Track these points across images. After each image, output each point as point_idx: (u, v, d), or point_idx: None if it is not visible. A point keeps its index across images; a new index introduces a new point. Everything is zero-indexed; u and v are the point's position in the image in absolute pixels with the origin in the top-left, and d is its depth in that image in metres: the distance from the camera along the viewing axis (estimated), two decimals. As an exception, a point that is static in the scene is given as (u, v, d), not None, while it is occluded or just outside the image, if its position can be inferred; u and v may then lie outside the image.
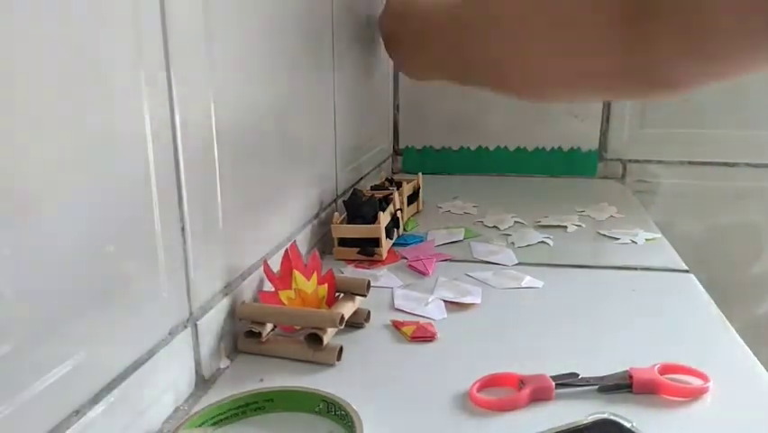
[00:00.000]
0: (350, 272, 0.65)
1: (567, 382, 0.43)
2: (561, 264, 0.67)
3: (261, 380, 0.44)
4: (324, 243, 0.70)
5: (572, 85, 0.49)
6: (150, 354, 0.38)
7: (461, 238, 0.76)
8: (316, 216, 0.69)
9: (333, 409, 0.40)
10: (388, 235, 0.69)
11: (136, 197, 0.36)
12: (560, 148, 1.08)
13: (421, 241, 0.75)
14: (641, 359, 0.44)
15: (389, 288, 0.61)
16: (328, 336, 0.47)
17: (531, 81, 0.55)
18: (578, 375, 0.43)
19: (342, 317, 0.47)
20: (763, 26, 0.36)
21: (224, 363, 0.47)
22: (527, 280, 0.62)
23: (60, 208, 0.30)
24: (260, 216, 0.54)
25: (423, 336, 0.51)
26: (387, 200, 0.73)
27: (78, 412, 0.32)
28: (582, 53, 0.45)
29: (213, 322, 0.46)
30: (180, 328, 0.42)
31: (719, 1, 0.37)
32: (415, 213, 0.86)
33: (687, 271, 0.65)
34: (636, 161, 1.07)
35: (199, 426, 0.38)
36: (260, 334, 0.47)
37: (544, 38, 0.47)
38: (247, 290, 0.51)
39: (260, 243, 0.54)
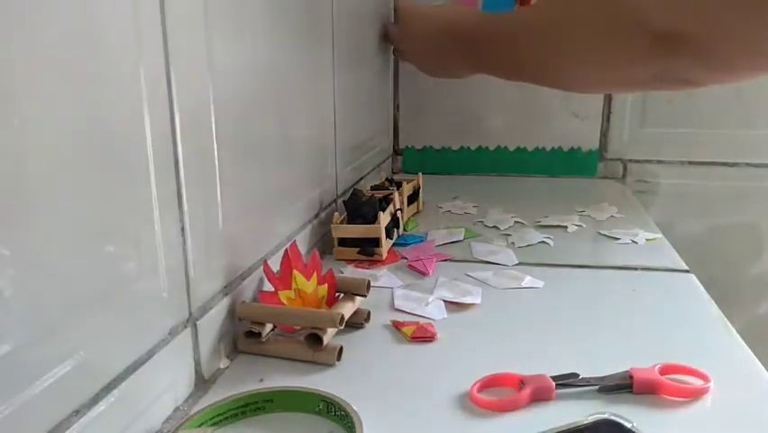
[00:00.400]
0: (350, 272, 0.65)
1: (567, 382, 0.43)
2: (561, 264, 0.67)
3: (261, 380, 0.44)
4: (324, 243, 0.70)
5: (609, 86, 0.65)
6: (150, 354, 0.38)
7: (461, 238, 0.76)
8: (316, 216, 0.68)
9: (333, 409, 0.40)
10: (388, 235, 0.69)
11: (136, 196, 0.36)
12: (560, 148, 1.08)
13: (421, 241, 0.75)
14: (641, 359, 0.44)
15: (389, 288, 0.61)
16: (328, 337, 0.47)
17: (576, 84, 0.69)
18: (578, 375, 0.43)
19: (342, 318, 0.47)
20: None
21: (224, 363, 0.47)
22: (527, 280, 0.62)
23: (60, 208, 0.30)
24: (259, 215, 0.54)
25: (423, 336, 0.51)
26: (387, 200, 0.73)
27: (78, 412, 0.32)
28: (618, 68, 0.56)
29: (213, 322, 0.46)
30: (180, 328, 0.42)
31: (732, 43, 0.45)
32: (415, 213, 0.86)
33: (687, 271, 0.65)
34: (637, 161, 1.07)
35: (199, 426, 0.38)
36: (259, 334, 0.47)
37: (587, 58, 0.59)
38: (247, 290, 0.51)
39: (260, 243, 0.54)
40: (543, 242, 0.74)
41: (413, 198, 0.85)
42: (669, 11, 0.47)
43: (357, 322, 0.52)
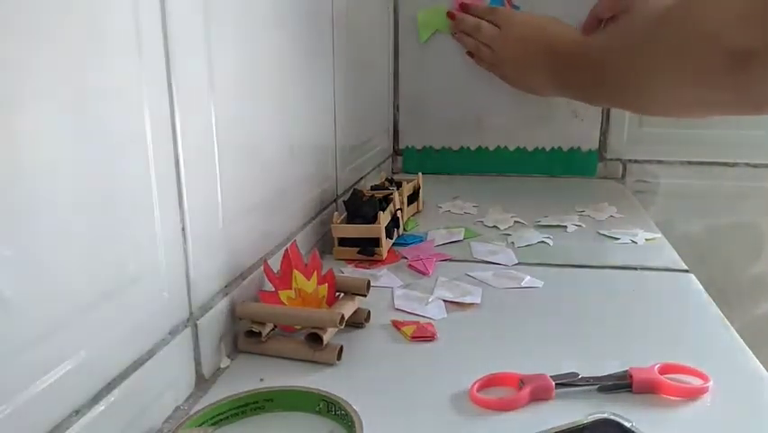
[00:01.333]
0: (350, 272, 0.65)
1: (567, 381, 0.43)
2: (561, 264, 0.67)
3: (262, 380, 0.44)
4: (324, 243, 0.70)
5: (689, 109, 0.63)
6: (150, 354, 0.38)
7: (461, 238, 0.76)
8: (316, 215, 0.69)
9: (333, 408, 0.40)
10: (388, 235, 0.69)
11: (136, 197, 0.36)
12: (560, 148, 1.08)
13: (421, 241, 0.75)
14: (641, 359, 0.44)
15: (389, 288, 0.61)
16: (328, 336, 0.47)
17: (657, 106, 0.70)
18: (578, 375, 0.43)
19: (343, 317, 0.47)
20: None
21: (225, 362, 0.47)
22: (527, 280, 0.62)
23: (60, 208, 0.30)
24: (260, 215, 0.54)
25: (423, 335, 0.51)
26: (387, 200, 0.73)
27: (78, 412, 0.32)
28: (696, 89, 0.57)
29: (213, 322, 0.46)
30: (180, 328, 0.42)
31: None
32: (415, 213, 0.86)
33: (687, 271, 0.65)
34: (636, 161, 1.07)
35: (199, 426, 0.38)
36: (260, 333, 0.47)
37: (667, 78, 0.60)
38: (247, 290, 0.51)
39: (260, 242, 0.54)
40: (542, 242, 0.74)
41: (413, 198, 0.85)
42: (742, 29, 0.48)
43: (357, 322, 0.52)
